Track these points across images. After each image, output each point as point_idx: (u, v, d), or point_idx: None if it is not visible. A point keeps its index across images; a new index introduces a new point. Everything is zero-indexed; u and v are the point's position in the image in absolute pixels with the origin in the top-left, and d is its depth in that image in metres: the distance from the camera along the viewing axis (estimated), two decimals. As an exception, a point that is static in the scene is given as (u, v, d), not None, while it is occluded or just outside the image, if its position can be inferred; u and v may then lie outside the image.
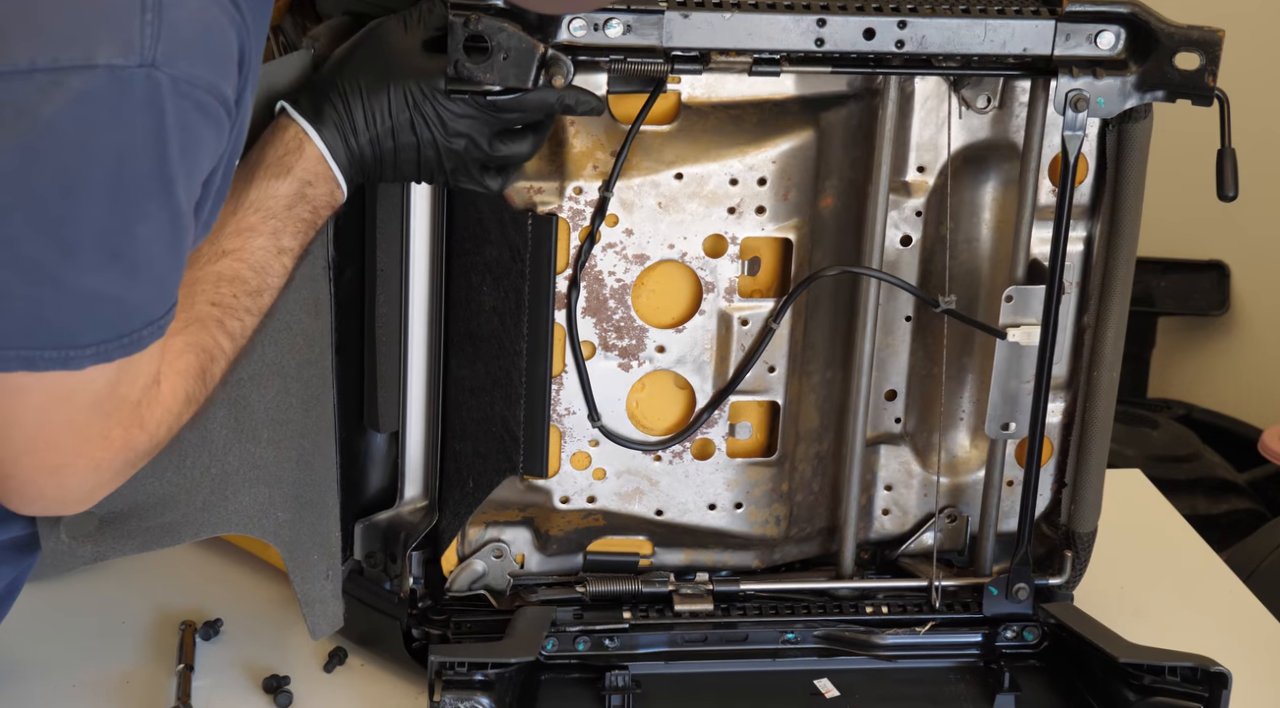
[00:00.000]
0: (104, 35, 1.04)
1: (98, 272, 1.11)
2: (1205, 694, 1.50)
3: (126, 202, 1.09)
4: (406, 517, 1.57)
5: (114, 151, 1.07)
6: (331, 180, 1.36)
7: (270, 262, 1.32)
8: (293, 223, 1.34)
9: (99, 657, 1.61)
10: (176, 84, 1.07)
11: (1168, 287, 3.46)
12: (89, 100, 1.05)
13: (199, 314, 1.27)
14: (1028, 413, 1.56)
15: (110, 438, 1.20)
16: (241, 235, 1.31)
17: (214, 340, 1.28)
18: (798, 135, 1.50)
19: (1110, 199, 1.54)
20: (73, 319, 1.12)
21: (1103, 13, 1.46)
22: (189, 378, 1.26)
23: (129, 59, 1.05)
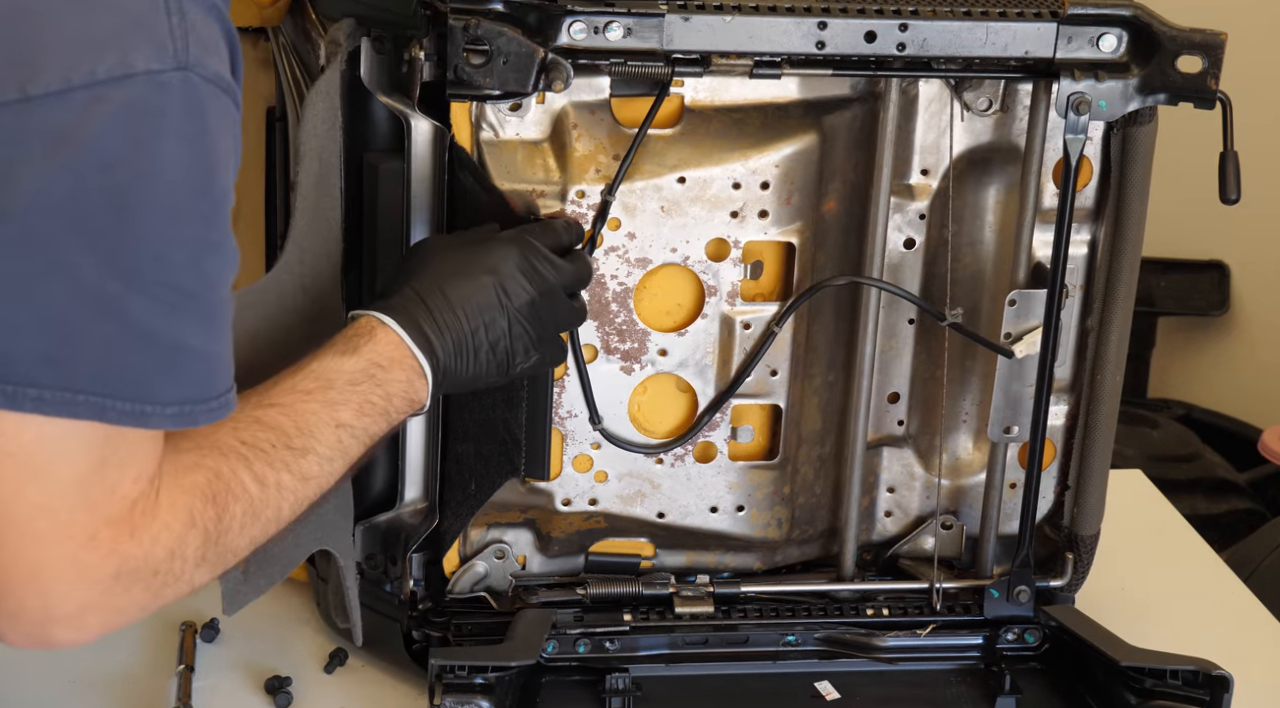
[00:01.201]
0: (136, 40, 1.01)
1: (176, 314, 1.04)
2: (1206, 698, 1.50)
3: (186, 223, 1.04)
4: (406, 519, 1.57)
5: (165, 167, 1.02)
6: (411, 367, 1.31)
7: (320, 427, 1.24)
8: (355, 400, 1.27)
9: (99, 657, 1.61)
10: (209, 85, 1.04)
11: (1168, 287, 3.46)
12: (133, 111, 1.01)
13: (219, 442, 1.17)
14: (1030, 416, 1.56)
15: (97, 538, 1.08)
16: (293, 394, 1.25)
17: (232, 472, 1.17)
18: (801, 139, 1.50)
19: (1114, 202, 1.54)
20: (150, 367, 1.04)
21: (1105, 15, 1.46)
22: (195, 497, 1.14)
23: (165, 63, 1.01)
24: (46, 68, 0.99)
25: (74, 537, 1.07)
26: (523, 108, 1.46)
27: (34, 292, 1.01)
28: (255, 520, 1.20)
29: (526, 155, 1.48)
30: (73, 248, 1.01)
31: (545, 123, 1.48)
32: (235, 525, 1.18)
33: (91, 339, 1.03)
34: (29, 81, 0.99)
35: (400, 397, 1.31)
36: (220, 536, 1.17)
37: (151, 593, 1.13)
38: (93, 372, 1.03)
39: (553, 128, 1.48)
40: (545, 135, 1.48)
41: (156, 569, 1.12)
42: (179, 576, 1.14)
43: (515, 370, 1.39)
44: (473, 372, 1.36)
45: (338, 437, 1.25)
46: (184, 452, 1.14)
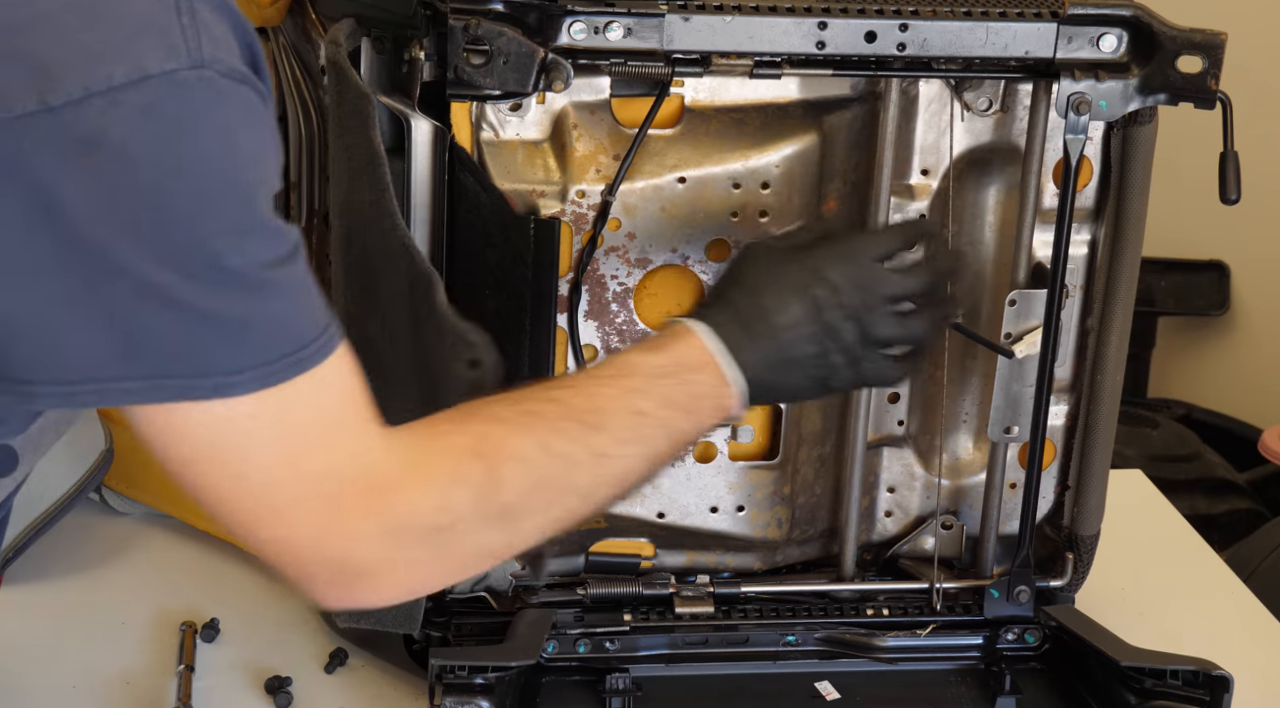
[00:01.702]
0: (149, 44, 1.02)
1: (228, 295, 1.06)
2: (1206, 698, 1.50)
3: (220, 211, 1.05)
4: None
5: (190, 162, 1.03)
6: (717, 374, 1.28)
7: (614, 410, 1.23)
8: (657, 392, 1.25)
9: (99, 657, 1.61)
10: (226, 79, 1.04)
11: (1168, 287, 3.46)
12: (153, 113, 1.02)
13: (490, 411, 1.19)
14: (1030, 416, 1.56)
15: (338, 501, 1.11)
16: (587, 378, 1.25)
17: (504, 436, 1.18)
18: (801, 139, 1.50)
19: (1114, 203, 1.54)
20: (221, 344, 1.06)
21: (1105, 15, 1.46)
22: (457, 455, 1.15)
23: (180, 62, 1.02)
24: (64, 78, 1.00)
25: (312, 505, 1.11)
26: (523, 108, 1.46)
27: (94, 295, 1.03)
28: (544, 487, 1.20)
29: (527, 155, 1.48)
30: (123, 248, 1.03)
31: (545, 123, 1.48)
32: (515, 487, 1.18)
33: (161, 328, 1.05)
34: (48, 92, 1.00)
35: (707, 400, 1.29)
36: (499, 494, 1.17)
37: (436, 551, 1.15)
38: (168, 357, 1.05)
39: (553, 128, 1.48)
40: (545, 135, 1.48)
41: (429, 525, 1.14)
42: (460, 533, 1.16)
43: (835, 387, 1.36)
44: (788, 386, 1.33)
45: (635, 423, 1.24)
46: (441, 422, 1.17)
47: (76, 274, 1.03)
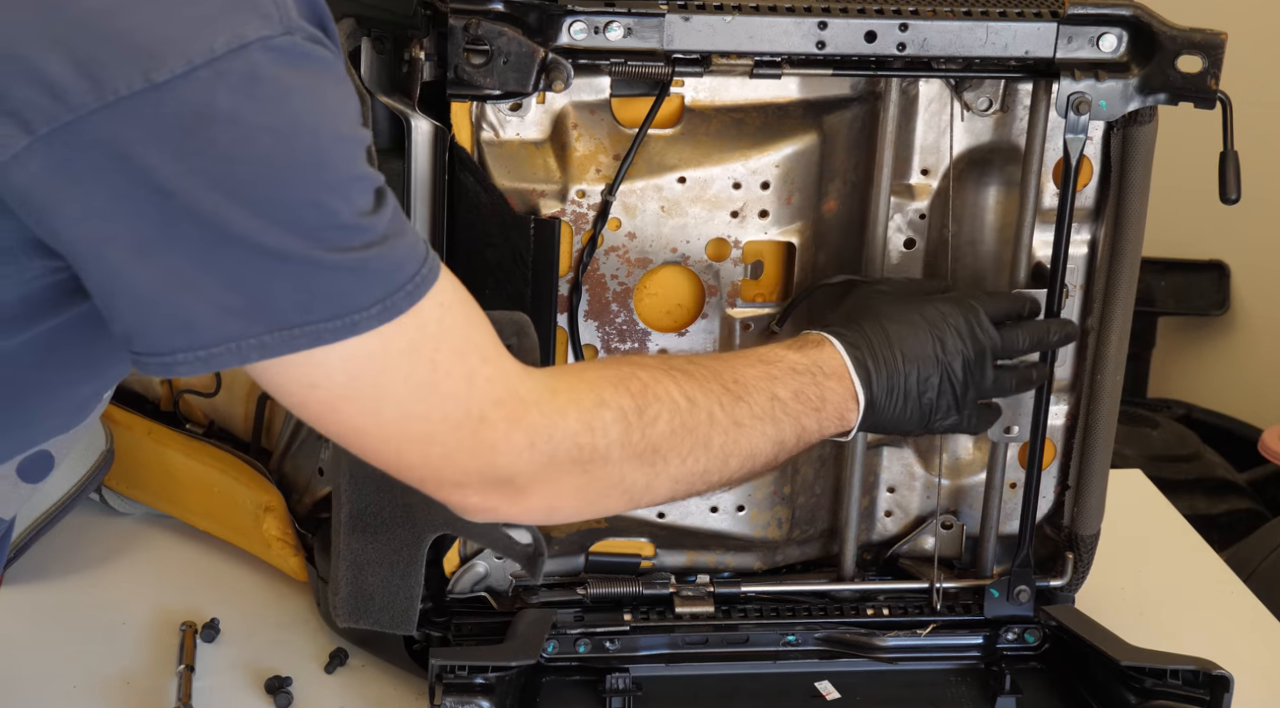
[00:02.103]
0: (244, 13, 1.04)
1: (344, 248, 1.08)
2: (1207, 698, 1.50)
3: (330, 169, 1.08)
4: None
5: (297, 123, 1.06)
6: (847, 388, 1.36)
7: (754, 386, 1.30)
8: (793, 384, 1.33)
9: (99, 657, 1.61)
10: (311, 43, 1.07)
11: (1168, 287, 3.46)
12: (256, 79, 1.04)
13: (641, 361, 1.26)
14: (1030, 416, 1.56)
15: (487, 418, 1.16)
16: (732, 358, 1.31)
17: (654, 379, 1.24)
18: (801, 139, 1.50)
19: (1114, 202, 1.54)
20: (342, 289, 1.09)
21: (1105, 15, 1.46)
22: (604, 384, 1.21)
23: (274, 28, 1.04)
24: (167, 53, 1.02)
25: (456, 423, 1.15)
26: (523, 108, 1.47)
27: (214, 264, 1.06)
28: (687, 433, 1.25)
29: (527, 155, 1.48)
30: (241, 216, 1.05)
31: (545, 123, 1.48)
32: (662, 426, 1.23)
33: (286, 284, 1.07)
34: (153, 69, 1.01)
35: (834, 407, 1.36)
36: (645, 428, 1.22)
37: (582, 473, 1.20)
38: (295, 309, 1.08)
39: (553, 128, 1.48)
40: (545, 135, 1.48)
41: (576, 444, 1.19)
42: (607, 457, 1.21)
43: (935, 426, 1.44)
44: (896, 414, 1.40)
45: (771, 405, 1.30)
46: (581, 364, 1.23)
47: (194, 246, 1.05)
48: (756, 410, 1.29)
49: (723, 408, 1.27)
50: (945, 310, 1.43)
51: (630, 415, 1.22)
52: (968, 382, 1.42)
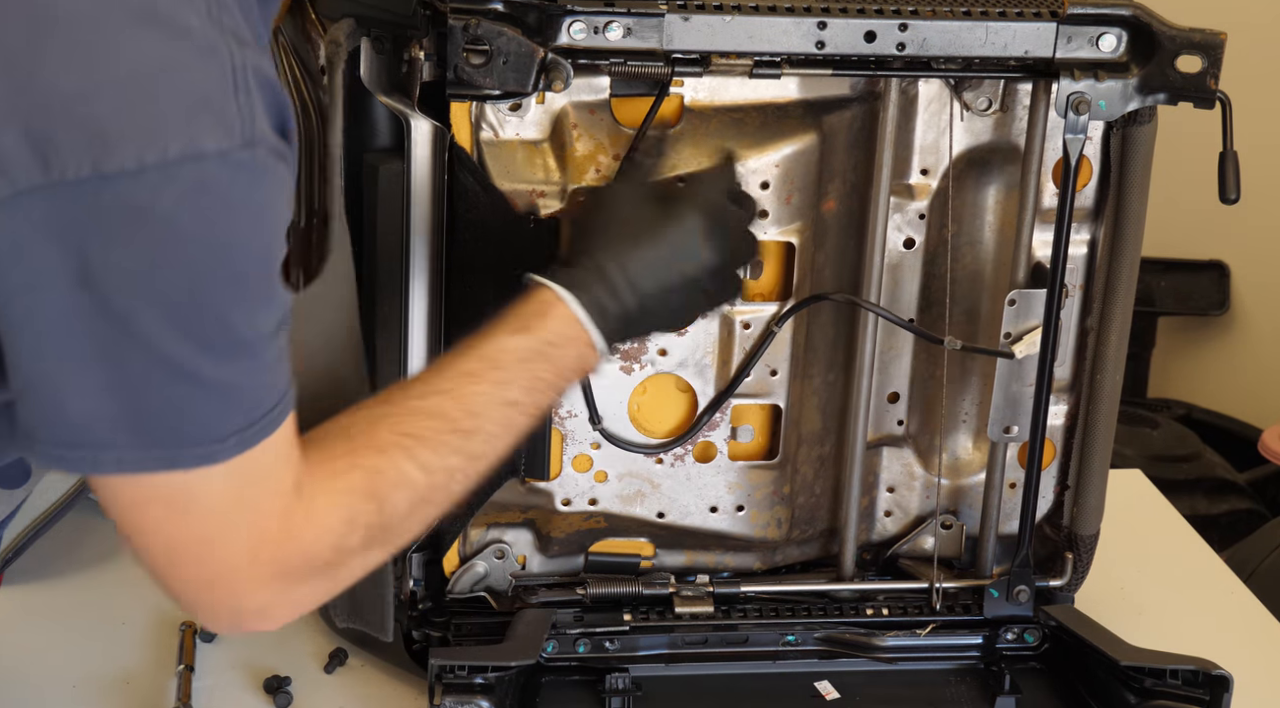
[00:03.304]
0: (206, 122, 1.03)
1: (231, 363, 1.09)
2: (1206, 698, 1.51)
3: (248, 286, 1.09)
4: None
5: (231, 239, 1.06)
6: (583, 341, 1.32)
7: (488, 408, 1.28)
8: (525, 378, 1.29)
9: (99, 657, 1.61)
10: (270, 156, 1.07)
11: (1168, 287, 3.46)
12: (203, 190, 1.04)
13: (377, 441, 1.23)
14: (1030, 416, 1.56)
15: (257, 553, 1.16)
16: (459, 378, 1.28)
17: (393, 466, 1.22)
18: (800, 139, 1.50)
19: (1114, 202, 1.54)
20: (213, 412, 1.10)
21: (1104, 15, 1.46)
22: (353, 497, 1.20)
23: (233, 141, 1.04)
24: (121, 147, 1.01)
25: (236, 554, 1.15)
26: (523, 108, 1.47)
27: (110, 358, 1.06)
28: (425, 504, 1.25)
29: (526, 155, 1.48)
30: (148, 319, 1.05)
31: (545, 123, 1.48)
32: (401, 512, 1.23)
33: (164, 400, 1.08)
34: (102, 159, 1.01)
35: (573, 370, 1.33)
36: (386, 524, 1.22)
37: (328, 581, 1.21)
38: (164, 428, 1.09)
39: (553, 128, 1.48)
40: (545, 135, 1.48)
41: (325, 563, 1.20)
42: (350, 563, 1.22)
43: (687, 324, 1.44)
44: (644, 330, 1.39)
45: (506, 414, 1.29)
46: (337, 458, 1.20)
47: (95, 339, 1.05)
48: (494, 431, 1.28)
49: (460, 455, 1.26)
50: (685, 222, 1.38)
51: (372, 521, 1.22)
52: (722, 278, 1.40)
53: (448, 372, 1.28)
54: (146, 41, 1.02)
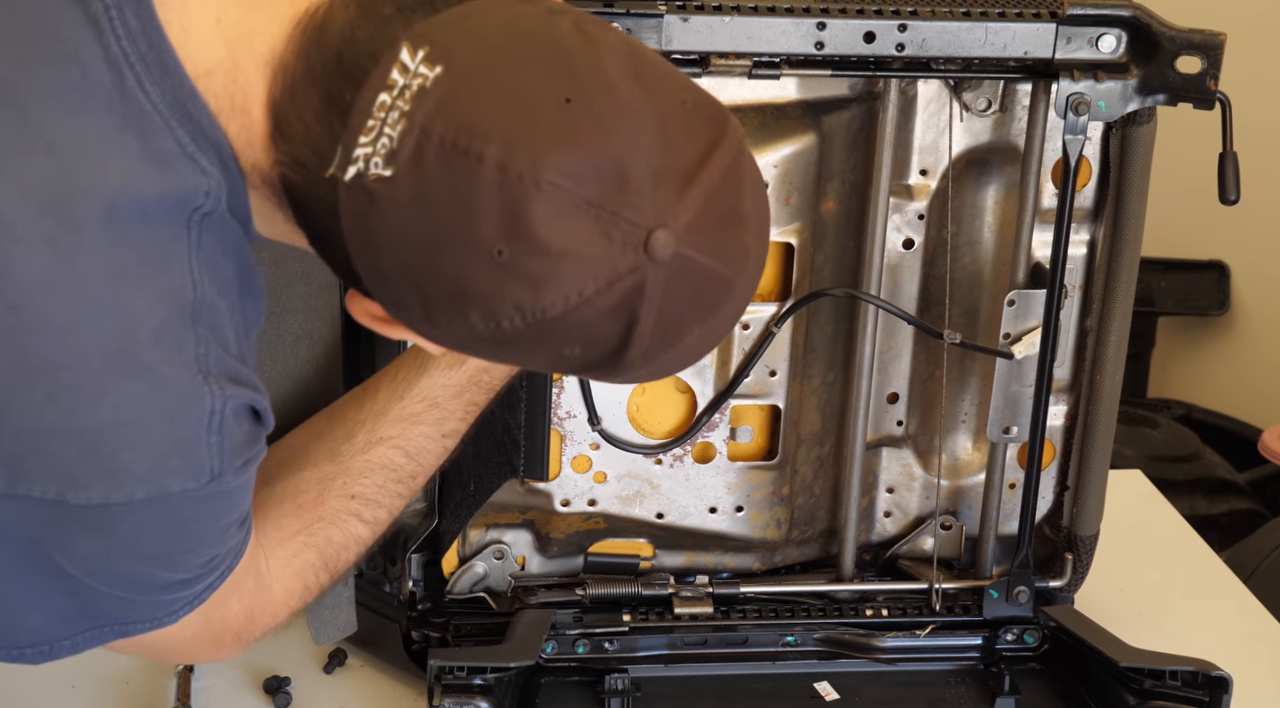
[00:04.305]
0: (173, 467, 1.05)
1: (191, 585, 1.14)
2: (1206, 699, 1.50)
3: (202, 554, 1.13)
4: (405, 519, 1.57)
5: (191, 539, 1.11)
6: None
7: (429, 446, 1.33)
8: (460, 408, 1.34)
9: (99, 657, 1.59)
10: (236, 476, 1.09)
11: (1168, 287, 3.46)
12: (162, 519, 1.07)
13: (328, 512, 1.28)
14: (1029, 417, 1.56)
15: (222, 644, 1.23)
16: (403, 422, 1.31)
17: (344, 534, 1.29)
18: (799, 139, 1.50)
19: (1113, 202, 1.54)
20: (168, 604, 1.14)
21: (1104, 16, 1.46)
22: (307, 574, 1.27)
23: (200, 481, 1.06)
24: (89, 487, 1.03)
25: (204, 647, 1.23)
26: (522, 108, 1.46)
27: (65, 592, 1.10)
28: (364, 547, 1.33)
29: (525, 156, 1.47)
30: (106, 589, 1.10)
31: (544, 123, 1.47)
32: (347, 563, 1.32)
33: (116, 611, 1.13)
34: (68, 491, 1.03)
35: (501, 382, 1.36)
36: (333, 576, 1.31)
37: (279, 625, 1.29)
38: (116, 622, 1.14)
39: (552, 128, 1.47)
40: (544, 136, 1.48)
41: (280, 624, 1.28)
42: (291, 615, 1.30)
43: None
44: None
45: (444, 446, 1.34)
46: (291, 537, 1.26)
47: (52, 582, 1.09)
48: (430, 465, 1.34)
49: (402, 498, 1.33)
50: None
51: (324, 582, 1.30)
52: None
53: (391, 415, 1.31)
54: (126, 392, 1.03)
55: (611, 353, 1.04)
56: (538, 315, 1.01)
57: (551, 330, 1.02)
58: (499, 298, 1.00)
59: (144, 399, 1.03)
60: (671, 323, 1.04)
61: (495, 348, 1.05)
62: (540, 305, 1.01)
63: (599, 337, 1.03)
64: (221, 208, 1.06)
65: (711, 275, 1.03)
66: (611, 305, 1.01)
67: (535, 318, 1.01)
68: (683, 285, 1.02)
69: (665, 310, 1.03)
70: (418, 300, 1.03)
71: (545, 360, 1.07)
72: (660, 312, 1.03)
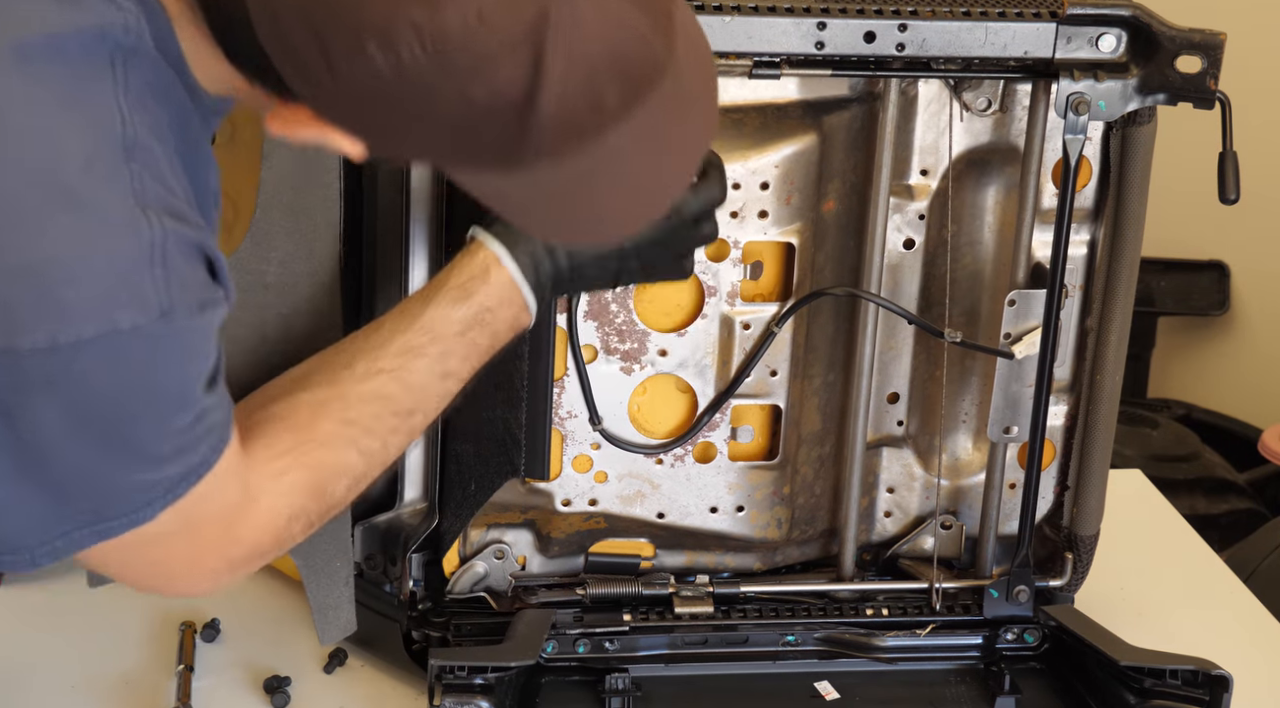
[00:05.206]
0: (121, 300, 1.03)
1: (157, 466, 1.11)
2: (1206, 698, 1.50)
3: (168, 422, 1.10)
4: (406, 519, 1.57)
5: (147, 396, 1.08)
6: (519, 304, 1.33)
7: (430, 383, 1.30)
8: (463, 347, 1.31)
9: (99, 657, 1.61)
10: (189, 318, 1.07)
11: (1168, 287, 3.46)
12: (117, 362, 1.05)
13: (320, 434, 1.25)
14: (1030, 416, 1.56)
15: (201, 562, 1.20)
16: (404, 355, 1.29)
17: (337, 458, 1.26)
18: (800, 139, 1.50)
19: (1114, 202, 1.54)
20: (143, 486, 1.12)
21: (1104, 15, 1.46)
22: (295, 494, 1.23)
23: (149, 315, 1.04)
24: (33, 329, 1.02)
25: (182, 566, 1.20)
26: (522, 108, 1.46)
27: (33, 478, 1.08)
28: (363, 482, 1.29)
29: (526, 156, 1.47)
30: (68, 451, 1.07)
31: (545, 123, 1.47)
32: (340, 497, 1.27)
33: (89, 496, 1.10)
34: (15, 338, 1.02)
35: (506, 330, 1.34)
36: (325, 510, 1.27)
37: (267, 559, 1.26)
38: (91, 517, 1.11)
39: (552, 128, 1.47)
40: (545, 136, 1.48)
41: (265, 552, 1.24)
42: (285, 546, 1.26)
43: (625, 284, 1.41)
44: (573, 290, 1.38)
45: (443, 386, 1.31)
46: (282, 455, 1.22)
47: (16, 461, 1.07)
48: (430, 405, 1.31)
49: (398, 433, 1.30)
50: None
51: (313, 511, 1.26)
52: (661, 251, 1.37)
53: (394, 347, 1.29)
54: (62, 225, 1.02)
55: (521, 104, 1.01)
56: (437, 41, 0.99)
57: (453, 63, 0.99)
58: (395, 19, 0.99)
59: (81, 232, 1.02)
60: (587, 77, 1.01)
61: (400, 96, 1.02)
62: (438, 25, 0.99)
63: (505, 78, 1.00)
64: (147, 45, 1.05)
65: (630, 30, 1.01)
66: (515, 35, 0.99)
67: (434, 45, 0.99)
68: (596, 26, 1.00)
69: (577, 55, 1.00)
70: (316, 47, 1.01)
71: (451, 114, 1.03)
72: (571, 54, 1.00)
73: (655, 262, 1.38)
